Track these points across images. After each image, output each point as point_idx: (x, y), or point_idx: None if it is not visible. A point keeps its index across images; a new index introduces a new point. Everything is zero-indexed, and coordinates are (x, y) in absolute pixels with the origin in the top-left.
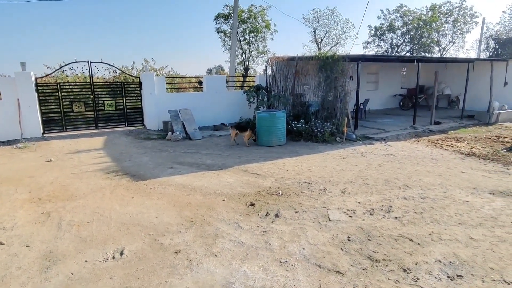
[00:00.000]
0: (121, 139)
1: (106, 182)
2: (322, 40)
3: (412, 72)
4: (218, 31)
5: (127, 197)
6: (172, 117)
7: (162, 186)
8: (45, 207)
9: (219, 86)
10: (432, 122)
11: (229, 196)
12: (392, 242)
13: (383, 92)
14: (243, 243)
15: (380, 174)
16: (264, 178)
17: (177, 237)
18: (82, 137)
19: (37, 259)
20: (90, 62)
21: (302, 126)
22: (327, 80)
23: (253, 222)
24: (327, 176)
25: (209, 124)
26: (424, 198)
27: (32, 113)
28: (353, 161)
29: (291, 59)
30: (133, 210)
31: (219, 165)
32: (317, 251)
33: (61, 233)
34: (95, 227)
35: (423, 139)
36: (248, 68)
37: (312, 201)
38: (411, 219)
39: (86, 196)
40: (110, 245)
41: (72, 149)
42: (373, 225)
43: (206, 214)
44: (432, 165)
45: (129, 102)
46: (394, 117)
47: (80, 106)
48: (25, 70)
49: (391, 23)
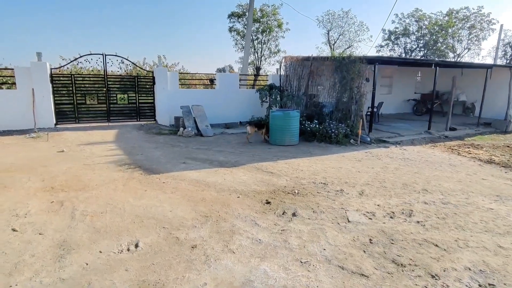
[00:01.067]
0: (133, 133)
1: (118, 174)
2: (336, 42)
3: (427, 77)
4: (231, 30)
5: (140, 190)
6: (184, 113)
7: (175, 180)
8: (58, 196)
9: (232, 84)
10: (447, 128)
11: (243, 193)
12: (417, 246)
13: (397, 97)
14: (261, 240)
15: (398, 178)
16: (279, 177)
17: (193, 232)
18: (94, 130)
19: (51, 247)
20: (104, 55)
21: (316, 127)
22: (342, 81)
23: (270, 220)
24: (343, 178)
25: (220, 121)
26: (445, 204)
27: (46, 103)
28: (368, 163)
29: (305, 59)
30: (146, 203)
31: (232, 162)
32: (339, 253)
33: (75, 222)
34: (109, 218)
35: (439, 144)
36: (259, 68)
37: (329, 202)
38: (434, 224)
39: (99, 187)
40: (124, 237)
41: (84, 141)
42: (395, 228)
43: (221, 210)
44: (451, 170)
45: (141, 96)
46: (408, 122)
47: (93, 99)
48: (40, 60)
49: (406, 27)
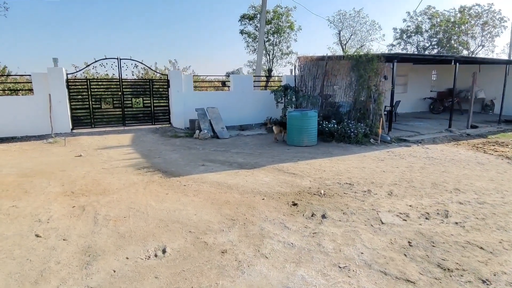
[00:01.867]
0: (148, 136)
1: (138, 177)
2: (347, 42)
3: (443, 74)
4: (243, 33)
5: (161, 193)
6: (200, 115)
7: (196, 183)
8: (79, 200)
9: (246, 86)
10: (468, 126)
11: (268, 195)
12: (461, 249)
13: (412, 95)
14: (293, 244)
15: (426, 177)
16: (302, 177)
17: (221, 236)
18: (110, 134)
19: (76, 253)
20: (119, 59)
21: (334, 127)
22: (359, 80)
23: (299, 222)
24: (368, 178)
25: (235, 123)
26: (481, 204)
27: (62, 108)
28: (392, 163)
29: (320, 58)
30: (169, 206)
31: (252, 163)
32: (378, 256)
33: (98, 227)
34: (132, 223)
35: (462, 142)
36: (271, 70)
37: (358, 203)
38: (474, 225)
39: (119, 191)
40: (150, 242)
41: (100, 145)
42: (433, 230)
43: (248, 213)
44: (480, 169)
45: (156, 100)
46: (426, 120)
47: (108, 103)
48: (57, 65)
49: (418, 25)
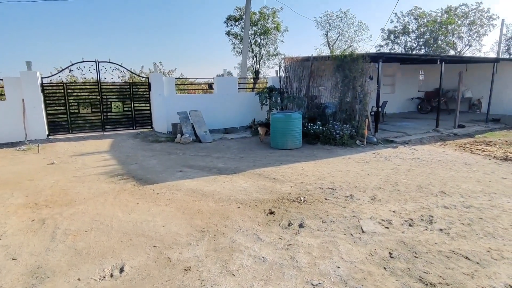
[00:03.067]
0: (129, 141)
1: (109, 186)
2: (335, 43)
3: (430, 74)
4: (229, 34)
5: (131, 203)
6: (182, 119)
7: (170, 191)
8: (41, 213)
9: (230, 88)
10: (456, 126)
11: (244, 202)
12: (445, 260)
13: (400, 95)
14: (264, 259)
15: (411, 180)
16: (282, 183)
17: (187, 250)
18: (89, 140)
19: (22, 275)
20: (97, 62)
21: (319, 129)
22: (345, 80)
23: (274, 233)
24: (351, 182)
25: (219, 126)
26: (468, 207)
27: (37, 114)
28: (377, 165)
29: (305, 59)
30: (137, 217)
31: (232, 168)
32: (355, 271)
33: (54, 244)
34: (93, 237)
35: (449, 143)
36: (258, 72)
37: (340, 210)
38: (460, 232)
39: (86, 202)
40: (109, 260)
41: (77, 152)
42: (416, 238)
43: (220, 223)
44: (467, 170)
45: (137, 104)
46: (413, 120)
47: (87, 108)
48: (30, 69)
49: (405, 26)
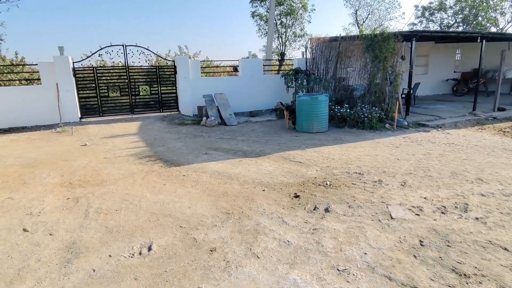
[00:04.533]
0: (156, 124)
1: (138, 167)
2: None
3: (468, 54)
4: (254, 15)
5: (159, 184)
6: (207, 102)
7: (196, 173)
8: (75, 192)
9: (255, 70)
10: (495, 109)
11: (269, 186)
12: (480, 250)
13: (434, 77)
14: (289, 242)
15: (444, 166)
16: (308, 166)
17: (212, 231)
18: (118, 122)
19: (59, 250)
20: (125, 46)
21: (346, 112)
22: (374, 61)
23: (299, 217)
24: (380, 167)
25: (244, 110)
26: (507, 196)
27: (70, 97)
28: (408, 150)
29: (333, 39)
30: (164, 198)
31: (257, 151)
32: (383, 258)
33: (87, 221)
34: (123, 217)
35: (487, 127)
36: (284, 54)
37: (367, 195)
38: (498, 221)
39: (116, 182)
40: (137, 238)
41: (107, 134)
42: (449, 227)
43: (245, 206)
44: (507, 156)
45: (163, 87)
46: (448, 103)
47: (116, 91)
48: (63, 54)
49: (442, 1)
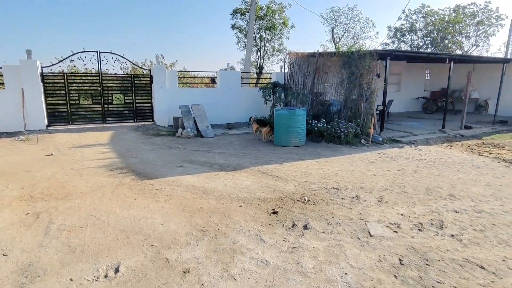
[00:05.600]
0: (129, 134)
1: (108, 180)
2: (340, 40)
3: (436, 74)
4: (234, 27)
5: (130, 198)
6: (183, 113)
7: (170, 186)
8: (36, 206)
9: (233, 83)
10: (462, 127)
11: (247, 201)
12: (458, 269)
13: (406, 94)
14: (268, 262)
15: (418, 182)
16: (286, 181)
17: (186, 251)
18: (89, 131)
19: (13, 273)
20: (99, 52)
21: (324, 126)
22: (351, 77)
23: (277, 234)
24: (357, 182)
25: (222, 122)
26: (479, 212)
27: (36, 104)
28: (383, 165)
29: (311, 55)
30: (135, 214)
31: (234, 165)
32: (364, 278)
33: (48, 240)
34: (89, 234)
35: (456, 144)
36: (262, 67)
37: (345, 211)
38: (473, 238)
39: (83, 195)
40: (104, 259)
41: (76, 143)
42: (427, 244)
43: (221, 223)
44: (476, 173)
45: (138, 96)
46: (419, 120)
47: (88, 99)
48: (30, 58)
49: (413, 24)
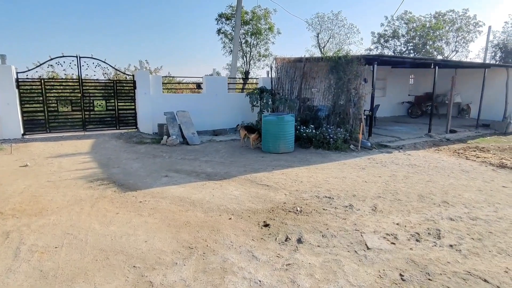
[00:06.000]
0: (111, 142)
1: (87, 192)
2: (326, 45)
3: (420, 79)
4: (219, 32)
5: (111, 213)
6: (168, 119)
7: (154, 198)
8: (6, 224)
9: (220, 88)
10: (448, 131)
11: (236, 213)
12: (462, 283)
13: (391, 99)
14: (261, 283)
15: (411, 188)
16: (276, 190)
17: (172, 272)
18: (68, 140)
19: None
20: (79, 57)
21: (312, 132)
22: (338, 83)
23: (270, 250)
24: (349, 190)
25: (208, 128)
26: (474, 220)
27: (11, 111)
28: (374, 171)
29: (298, 60)
30: (116, 230)
31: (222, 174)
32: None
33: (17, 263)
34: (64, 256)
35: (442, 148)
36: (248, 72)
37: (340, 222)
38: (471, 248)
39: (59, 211)
40: (79, 284)
41: (54, 153)
42: (426, 256)
43: (210, 238)
44: (466, 177)
45: (121, 102)
46: (405, 125)
47: (67, 106)
48: (5, 63)
49: (395, 30)
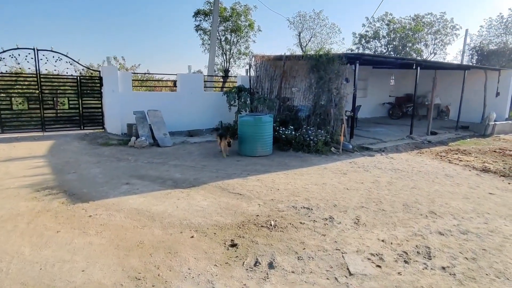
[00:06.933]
0: (73, 144)
1: (29, 204)
2: (307, 45)
3: (401, 80)
4: (198, 29)
5: (50, 231)
6: (138, 119)
7: (108, 211)
8: None
9: (195, 87)
10: (428, 133)
11: (201, 229)
12: None
13: (372, 100)
14: None
15: (395, 196)
16: (249, 200)
17: None
18: (23, 141)
19: None
20: (36, 50)
21: (292, 134)
22: (319, 82)
23: (235, 279)
24: (330, 198)
25: (182, 129)
26: (465, 233)
27: None
28: (356, 177)
29: (278, 58)
30: (50, 256)
31: (191, 180)
32: None
33: None
34: None
35: (425, 151)
36: (228, 71)
37: (319, 239)
38: (466, 271)
39: None
40: None
41: (2, 156)
42: (417, 283)
43: (164, 264)
44: (450, 183)
45: (86, 100)
46: (386, 126)
47: (23, 103)
48: None
49: (376, 31)
